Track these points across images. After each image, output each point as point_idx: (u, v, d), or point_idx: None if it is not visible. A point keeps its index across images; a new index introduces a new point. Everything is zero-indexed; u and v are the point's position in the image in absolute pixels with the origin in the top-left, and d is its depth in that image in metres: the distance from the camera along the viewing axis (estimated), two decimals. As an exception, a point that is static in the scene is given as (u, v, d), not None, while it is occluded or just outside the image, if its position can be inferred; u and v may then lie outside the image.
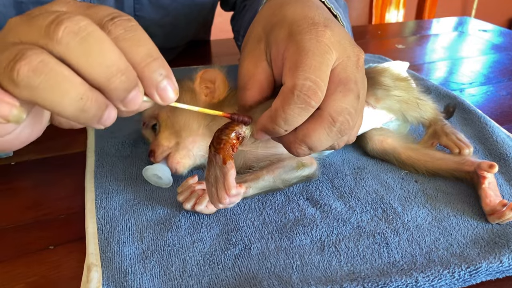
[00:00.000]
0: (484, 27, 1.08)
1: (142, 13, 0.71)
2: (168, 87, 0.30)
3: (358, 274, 0.36)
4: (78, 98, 0.28)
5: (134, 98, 0.30)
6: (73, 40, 0.27)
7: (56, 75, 0.27)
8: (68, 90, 0.27)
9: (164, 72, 0.30)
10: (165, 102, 0.31)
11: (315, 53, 0.36)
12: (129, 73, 0.29)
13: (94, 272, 0.35)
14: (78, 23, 0.27)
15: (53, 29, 0.27)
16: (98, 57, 0.28)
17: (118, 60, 0.28)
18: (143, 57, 0.30)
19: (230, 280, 0.35)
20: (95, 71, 0.28)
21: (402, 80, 0.50)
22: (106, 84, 0.28)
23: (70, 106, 0.28)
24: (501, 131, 0.55)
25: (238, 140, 0.37)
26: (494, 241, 0.39)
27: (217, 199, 0.36)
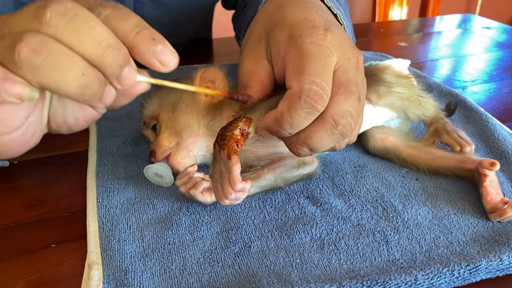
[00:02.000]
0: (488, 25, 1.07)
1: (143, 12, 0.71)
2: (165, 50, 0.31)
3: (358, 272, 0.36)
4: (80, 74, 0.29)
5: (128, 75, 0.30)
6: (62, 21, 0.28)
7: (56, 52, 0.28)
8: (69, 66, 0.28)
9: (157, 37, 0.31)
10: (167, 67, 0.31)
11: (318, 56, 0.36)
12: (120, 48, 0.30)
13: (95, 270, 0.36)
14: (64, 4, 0.28)
15: (41, 13, 0.28)
16: (88, 35, 0.28)
17: (108, 36, 0.29)
18: (132, 27, 0.30)
19: (230, 278, 0.36)
20: (87, 49, 0.29)
21: (404, 77, 0.50)
22: (100, 60, 0.29)
23: (73, 83, 0.29)
24: (503, 128, 0.55)
25: (242, 136, 0.37)
26: (494, 239, 0.39)
27: (222, 195, 0.36)
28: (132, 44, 0.30)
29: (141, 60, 0.31)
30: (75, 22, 0.28)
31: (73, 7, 0.28)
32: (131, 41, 0.30)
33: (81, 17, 0.28)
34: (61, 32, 0.28)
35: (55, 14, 0.28)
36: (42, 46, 0.27)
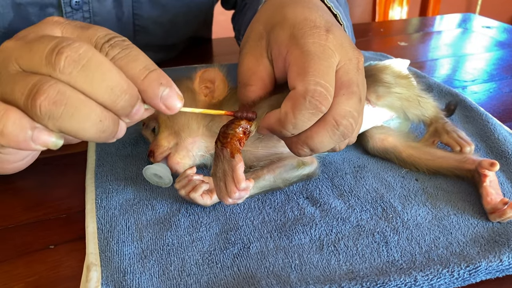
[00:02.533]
0: (488, 24, 1.07)
1: (141, 12, 0.71)
2: (171, 95, 0.31)
3: (357, 273, 0.35)
4: (98, 120, 0.29)
5: (138, 111, 0.31)
6: (76, 69, 0.28)
7: (75, 102, 0.28)
8: (88, 114, 0.29)
9: (164, 81, 0.31)
10: (171, 110, 0.32)
11: (321, 57, 0.36)
12: (132, 90, 0.30)
13: (93, 271, 0.36)
14: (77, 51, 0.28)
15: (55, 59, 0.28)
16: (101, 81, 0.29)
17: (120, 80, 0.30)
18: (141, 70, 0.31)
19: (228, 279, 0.35)
20: (101, 95, 0.29)
21: (403, 77, 0.50)
22: (113, 105, 0.30)
23: (91, 129, 0.29)
24: (503, 128, 0.55)
25: (244, 135, 0.37)
26: (494, 239, 0.38)
27: (226, 193, 0.36)
28: (140, 87, 0.31)
29: (148, 102, 0.31)
30: (88, 70, 0.28)
31: (86, 53, 0.28)
32: (139, 85, 0.31)
33: (94, 63, 0.29)
34: (75, 80, 0.28)
35: (69, 61, 0.28)
36: (61, 97, 0.28)
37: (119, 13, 0.69)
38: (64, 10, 0.64)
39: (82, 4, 0.65)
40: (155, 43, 0.77)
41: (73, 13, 0.65)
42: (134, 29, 0.73)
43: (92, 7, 0.66)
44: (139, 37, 0.74)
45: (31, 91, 0.28)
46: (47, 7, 0.63)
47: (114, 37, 0.31)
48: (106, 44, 0.31)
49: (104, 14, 0.68)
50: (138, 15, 0.71)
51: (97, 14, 0.67)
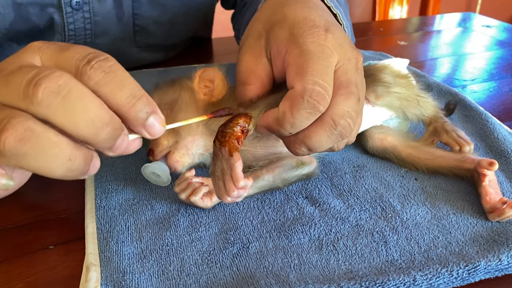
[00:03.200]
0: (488, 23, 1.07)
1: (141, 11, 0.71)
2: (154, 123, 0.30)
3: (356, 273, 0.35)
4: (66, 160, 0.28)
5: (121, 144, 0.29)
6: (54, 101, 0.26)
7: (43, 141, 0.27)
8: (56, 154, 0.27)
9: (149, 109, 0.30)
10: (153, 136, 0.31)
11: (320, 57, 0.36)
12: (114, 123, 0.29)
13: (92, 272, 0.36)
14: (57, 82, 0.26)
15: (32, 91, 0.26)
16: (81, 114, 0.27)
17: (101, 112, 0.28)
18: (127, 100, 0.29)
19: (227, 279, 0.35)
20: (80, 129, 0.27)
21: (402, 77, 0.50)
22: (93, 138, 0.28)
23: (59, 169, 0.28)
24: (502, 128, 0.55)
25: (242, 133, 0.37)
26: (493, 239, 0.38)
27: (224, 192, 0.36)
28: (124, 115, 0.29)
29: (130, 128, 0.30)
30: (68, 101, 0.26)
31: (66, 84, 0.27)
32: (124, 113, 0.29)
33: (74, 95, 0.27)
34: (53, 113, 0.26)
35: (47, 93, 0.26)
36: (29, 134, 0.26)
37: (119, 13, 0.69)
38: (65, 11, 0.64)
39: (83, 4, 0.65)
40: (155, 43, 0.77)
41: (73, 13, 0.65)
42: (134, 29, 0.73)
43: (92, 7, 0.66)
44: (139, 37, 0.74)
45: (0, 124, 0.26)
46: (47, 7, 0.63)
47: (95, 57, 0.29)
48: (87, 67, 0.28)
49: (104, 14, 0.68)
50: (138, 15, 0.71)
51: (97, 14, 0.67)
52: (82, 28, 0.67)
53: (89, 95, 0.28)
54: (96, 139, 0.28)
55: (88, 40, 0.69)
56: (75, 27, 0.67)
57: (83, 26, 0.67)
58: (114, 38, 0.71)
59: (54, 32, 0.66)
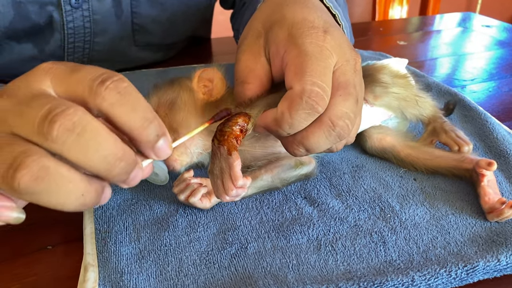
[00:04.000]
0: (488, 23, 1.07)
1: (139, 10, 0.71)
2: (164, 145, 0.30)
3: (354, 273, 0.35)
4: (79, 195, 0.28)
5: (135, 176, 0.29)
6: (69, 138, 0.26)
7: (57, 179, 0.27)
8: (70, 191, 0.27)
9: (160, 132, 0.30)
10: (161, 158, 0.31)
11: (318, 58, 0.36)
12: (128, 157, 0.29)
13: (91, 272, 0.36)
14: (71, 119, 0.26)
15: (47, 129, 0.26)
16: (96, 151, 0.27)
17: (115, 148, 0.28)
18: (139, 122, 0.29)
19: (226, 279, 0.35)
20: (94, 165, 0.27)
21: (401, 77, 0.50)
22: (107, 173, 0.28)
23: (72, 204, 0.28)
24: (501, 128, 0.54)
25: (241, 133, 0.37)
26: (492, 239, 0.38)
27: (223, 191, 0.36)
28: (136, 138, 0.29)
29: (138, 148, 0.30)
30: (82, 139, 0.26)
31: (80, 121, 0.26)
32: (136, 135, 0.29)
33: (88, 132, 0.27)
34: (68, 149, 0.27)
35: (62, 131, 0.26)
36: (43, 173, 0.26)
37: (118, 12, 0.69)
38: (64, 9, 0.64)
39: (82, 2, 0.65)
40: (154, 42, 0.78)
41: (72, 12, 0.65)
42: (133, 28, 0.73)
43: (91, 5, 0.66)
44: (138, 36, 0.74)
45: (13, 163, 0.26)
46: (46, 5, 0.63)
47: (109, 77, 0.28)
48: (101, 87, 0.28)
49: (103, 13, 0.68)
50: (137, 14, 0.71)
51: (96, 12, 0.67)
52: (81, 26, 0.67)
53: (103, 131, 0.27)
54: (109, 174, 0.28)
55: (87, 39, 0.69)
56: (74, 25, 0.67)
57: (82, 24, 0.67)
58: (113, 36, 0.71)
59: (53, 31, 0.66)
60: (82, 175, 0.28)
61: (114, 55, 0.74)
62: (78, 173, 0.28)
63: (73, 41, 0.68)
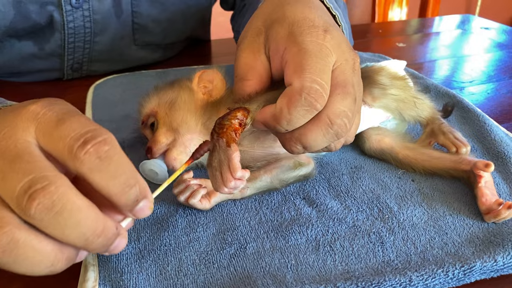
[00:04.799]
0: (487, 25, 1.07)
1: (139, 9, 0.72)
2: (143, 208, 0.30)
3: (352, 273, 0.36)
4: (49, 265, 0.28)
5: (117, 247, 0.30)
6: (47, 216, 0.26)
7: (26, 251, 0.27)
8: (39, 261, 0.28)
9: (141, 196, 0.29)
10: (139, 218, 0.31)
11: (318, 56, 0.36)
12: (107, 232, 0.28)
13: (91, 271, 0.36)
14: (51, 197, 0.26)
15: (26, 204, 0.26)
16: (73, 228, 0.27)
17: (95, 224, 0.28)
18: (118, 189, 0.28)
19: (225, 279, 0.36)
20: (71, 240, 0.27)
21: (399, 79, 0.50)
22: (85, 248, 0.28)
23: (41, 272, 0.28)
24: (499, 129, 0.55)
25: (240, 126, 0.37)
26: (489, 240, 0.39)
27: (221, 183, 0.36)
28: (115, 202, 0.29)
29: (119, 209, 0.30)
30: (60, 217, 0.26)
31: (60, 198, 0.26)
32: (114, 200, 0.29)
33: (68, 211, 0.26)
34: (45, 226, 0.27)
35: (41, 209, 0.26)
36: (12, 246, 0.26)
37: (118, 11, 0.70)
38: (65, 9, 0.65)
39: (82, 2, 0.66)
40: (153, 41, 0.78)
41: (73, 11, 0.66)
42: (133, 27, 0.73)
43: (92, 5, 0.67)
44: (138, 35, 0.75)
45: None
46: (47, 4, 0.64)
47: (92, 139, 0.28)
48: (81, 151, 0.27)
49: (103, 13, 0.68)
50: (137, 13, 0.72)
51: (97, 12, 0.68)
52: (82, 26, 0.68)
53: (84, 208, 0.27)
54: (87, 247, 0.28)
55: (88, 39, 0.70)
56: (74, 25, 0.67)
57: (82, 24, 0.68)
58: (113, 36, 0.72)
59: (53, 30, 0.67)
60: (55, 245, 0.28)
61: (114, 55, 0.75)
62: (50, 243, 0.28)
63: (73, 41, 0.69)
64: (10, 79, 0.73)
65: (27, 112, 0.29)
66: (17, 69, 0.71)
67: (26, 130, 0.29)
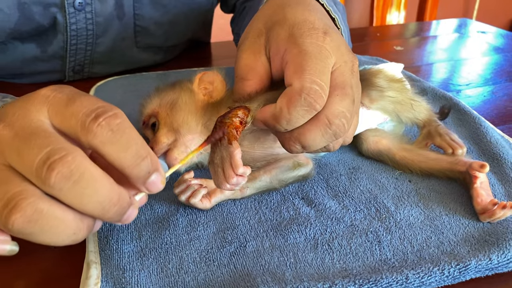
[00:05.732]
0: (484, 29, 1.08)
1: (142, 12, 0.72)
2: (156, 181, 0.31)
3: (350, 271, 0.36)
4: (71, 234, 0.29)
5: (129, 217, 0.30)
6: (66, 185, 0.27)
7: (50, 221, 0.28)
8: (62, 231, 0.28)
9: (152, 168, 0.30)
10: (152, 192, 0.31)
11: (318, 57, 0.37)
12: (122, 201, 0.29)
13: (93, 269, 0.36)
14: (69, 166, 0.27)
15: (45, 175, 0.27)
16: (91, 197, 0.28)
17: (111, 194, 0.29)
18: (131, 160, 0.29)
19: (225, 276, 0.36)
20: (89, 209, 0.28)
21: (396, 81, 0.51)
22: (100, 216, 0.29)
23: (63, 241, 0.29)
24: (495, 131, 0.56)
25: (241, 124, 0.38)
26: (484, 239, 0.39)
27: (223, 179, 0.37)
28: (127, 174, 0.30)
29: (131, 182, 0.31)
30: (79, 186, 0.27)
31: (78, 168, 0.27)
32: (127, 173, 0.29)
33: (85, 179, 0.27)
34: (64, 195, 0.28)
35: (60, 178, 0.27)
36: (37, 216, 0.27)
37: (120, 14, 0.71)
38: (68, 11, 0.65)
39: (85, 5, 0.66)
40: (155, 44, 0.79)
41: (76, 14, 0.66)
42: (135, 30, 0.74)
43: (94, 8, 0.68)
44: (140, 37, 0.75)
45: (8, 203, 0.27)
46: (50, 6, 0.65)
47: (103, 113, 0.29)
48: (94, 124, 0.28)
49: (106, 15, 0.69)
50: (139, 16, 0.72)
51: (99, 15, 0.69)
52: (84, 28, 0.68)
53: (100, 177, 0.28)
54: (103, 217, 0.29)
55: (90, 41, 0.70)
56: (77, 27, 0.68)
57: (85, 26, 0.68)
58: (115, 38, 0.72)
59: (56, 32, 0.67)
60: (75, 214, 0.29)
61: (115, 56, 0.75)
62: (71, 212, 0.29)
63: (75, 43, 0.69)
64: (13, 81, 0.74)
65: (38, 96, 0.30)
66: (20, 71, 0.72)
67: (39, 111, 0.30)
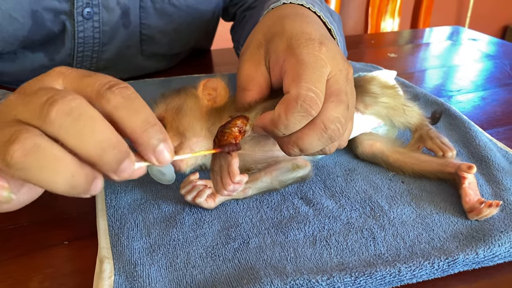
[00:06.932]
0: (476, 37, 1.11)
1: (148, 21, 0.75)
2: (164, 150, 0.31)
3: (347, 265, 0.39)
4: (69, 176, 0.29)
5: (126, 168, 0.30)
6: (65, 122, 0.28)
7: (48, 157, 0.28)
8: (60, 170, 0.28)
9: (161, 136, 0.31)
10: (161, 163, 0.32)
11: (314, 66, 0.40)
12: (121, 146, 0.29)
13: (106, 263, 0.39)
14: (69, 104, 0.28)
15: (46, 111, 0.28)
16: (90, 136, 0.28)
17: (110, 135, 0.29)
18: (141, 124, 0.30)
19: (230, 270, 0.39)
20: (87, 149, 0.28)
21: (389, 87, 0.54)
22: (98, 159, 0.29)
23: (61, 184, 0.29)
24: (483, 135, 0.58)
25: (240, 133, 0.40)
26: (472, 235, 0.42)
27: (221, 186, 0.40)
28: (136, 140, 0.30)
29: (139, 151, 0.31)
30: (78, 123, 0.28)
31: (78, 106, 0.28)
32: (137, 137, 0.30)
33: (84, 118, 0.28)
34: (64, 132, 0.28)
35: (60, 114, 0.28)
36: (35, 149, 0.27)
37: (126, 23, 0.73)
38: (76, 19, 0.68)
39: (93, 14, 0.69)
40: (160, 52, 0.81)
41: (84, 22, 0.69)
42: (140, 38, 0.76)
43: (101, 17, 0.70)
44: (145, 46, 0.78)
45: (8, 140, 0.27)
46: (60, 14, 0.67)
47: (116, 84, 0.30)
48: (108, 91, 0.30)
49: (112, 24, 0.71)
50: (145, 25, 0.75)
51: (106, 23, 0.71)
52: (91, 36, 0.71)
53: (99, 118, 0.29)
54: (101, 160, 0.29)
55: (96, 49, 0.73)
56: (84, 35, 0.70)
57: (92, 35, 0.71)
58: (120, 46, 0.75)
59: (64, 41, 0.70)
60: (74, 158, 0.29)
61: (120, 64, 0.78)
62: (70, 155, 0.29)
63: (82, 50, 0.72)
64: (20, 87, 0.76)
65: (53, 71, 0.32)
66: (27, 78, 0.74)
67: (54, 81, 0.31)
